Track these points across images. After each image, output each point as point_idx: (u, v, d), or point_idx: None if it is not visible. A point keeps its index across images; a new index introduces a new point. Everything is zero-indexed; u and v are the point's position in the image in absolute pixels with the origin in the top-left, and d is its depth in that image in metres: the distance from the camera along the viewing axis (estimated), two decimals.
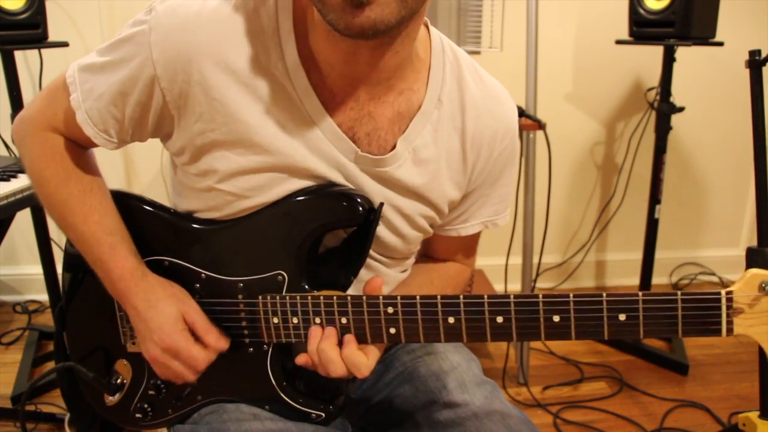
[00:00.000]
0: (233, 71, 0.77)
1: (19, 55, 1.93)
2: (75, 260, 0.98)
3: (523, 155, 2.01)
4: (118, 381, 0.95)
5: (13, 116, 1.88)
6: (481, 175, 0.92)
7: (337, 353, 0.80)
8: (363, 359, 0.80)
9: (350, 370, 0.80)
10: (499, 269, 2.09)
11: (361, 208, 0.82)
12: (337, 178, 0.84)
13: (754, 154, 1.27)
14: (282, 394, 0.89)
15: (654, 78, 2.42)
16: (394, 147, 0.85)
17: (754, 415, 1.29)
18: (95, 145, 0.90)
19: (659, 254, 2.36)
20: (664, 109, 2.19)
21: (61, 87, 0.86)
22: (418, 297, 0.79)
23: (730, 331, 0.71)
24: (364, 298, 0.81)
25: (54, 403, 1.89)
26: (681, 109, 2.19)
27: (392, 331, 0.81)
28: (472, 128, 0.88)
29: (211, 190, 0.85)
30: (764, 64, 1.27)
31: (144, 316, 0.84)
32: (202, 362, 0.85)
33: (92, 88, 0.83)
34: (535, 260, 2.13)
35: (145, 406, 0.94)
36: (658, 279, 2.74)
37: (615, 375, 2.17)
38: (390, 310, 0.80)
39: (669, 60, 2.17)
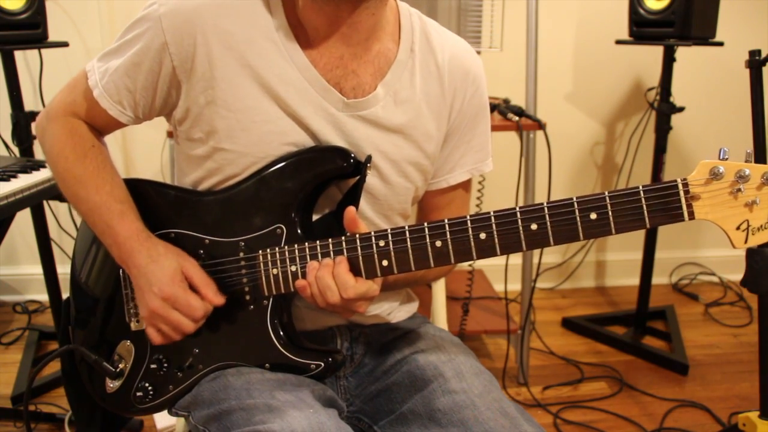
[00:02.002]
0: (231, 33, 0.89)
1: (19, 55, 1.93)
2: (83, 245, 1.05)
3: (523, 155, 2.00)
4: (121, 365, 0.99)
5: (13, 116, 1.88)
6: (459, 116, 1.01)
7: (333, 280, 0.85)
8: (350, 280, 0.85)
9: (339, 290, 0.84)
10: (499, 269, 2.09)
11: (351, 158, 0.91)
12: (325, 126, 0.93)
13: (753, 154, 1.27)
14: (282, 349, 0.93)
15: (654, 78, 2.42)
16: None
17: (754, 415, 1.30)
18: (112, 128, 1.01)
19: (659, 254, 2.37)
20: (664, 109, 2.19)
21: (80, 78, 0.98)
22: (407, 226, 0.85)
23: (691, 215, 0.77)
24: (357, 236, 0.86)
25: (54, 403, 1.89)
26: (681, 109, 2.19)
27: (384, 263, 0.86)
28: (446, 70, 0.99)
29: (213, 153, 0.93)
30: (764, 64, 1.27)
31: (145, 270, 0.91)
32: (198, 311, 0.90)
33: (108, 68, 0.94)
34: (535, 260, 2.13)
35: (146, 385, 0.98)
36: (658, 279, 2.74)
37: (615, 375, 2.17)
38: (381, 243, 0.85)
39: (669, 60, 2.17)
